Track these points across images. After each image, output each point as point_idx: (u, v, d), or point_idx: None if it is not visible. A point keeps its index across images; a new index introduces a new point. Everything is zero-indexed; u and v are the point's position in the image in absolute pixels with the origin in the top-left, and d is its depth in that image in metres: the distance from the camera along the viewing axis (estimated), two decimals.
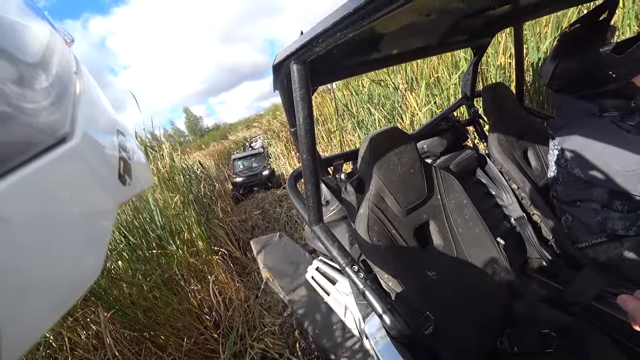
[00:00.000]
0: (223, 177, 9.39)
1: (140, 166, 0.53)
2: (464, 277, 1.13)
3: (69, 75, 0.41)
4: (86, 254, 0.33)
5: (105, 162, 0.41)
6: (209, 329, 2.34)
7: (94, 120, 0.42)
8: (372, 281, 0.86)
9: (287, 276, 1.83)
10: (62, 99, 0.35)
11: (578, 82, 1.31)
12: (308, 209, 0.93)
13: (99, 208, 0.37)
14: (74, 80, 0.42)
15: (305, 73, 0.77)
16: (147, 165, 0.58)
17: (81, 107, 0.39)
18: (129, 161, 0.47)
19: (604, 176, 1.23)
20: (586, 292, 1.24)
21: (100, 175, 0.38)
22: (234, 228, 4.37)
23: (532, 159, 1.69)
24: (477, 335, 1.06)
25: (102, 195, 0.37)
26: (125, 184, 0.44)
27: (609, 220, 1.27)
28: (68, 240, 0.30)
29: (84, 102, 0.41)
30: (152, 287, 2.33)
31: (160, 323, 2.18)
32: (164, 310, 2.20)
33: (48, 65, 0.36)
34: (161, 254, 2.55)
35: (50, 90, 0.34)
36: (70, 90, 0.39)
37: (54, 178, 0.30)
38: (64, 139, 0.32)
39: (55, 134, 0.31)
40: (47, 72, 0.35)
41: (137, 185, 0.48)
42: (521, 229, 1.59)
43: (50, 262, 0.27)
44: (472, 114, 1.89)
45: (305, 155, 0.83)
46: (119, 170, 0.43)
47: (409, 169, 1.11)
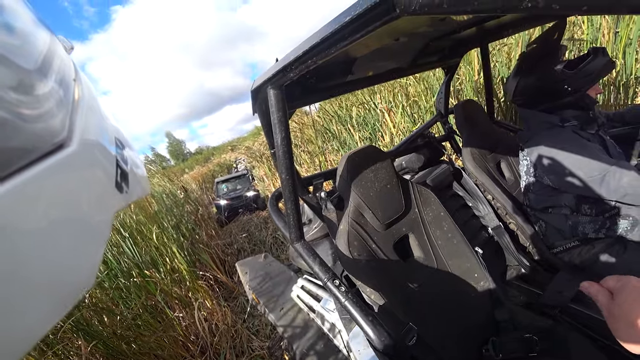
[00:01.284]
0: (207, 200, 9.28)
1: (138, 175, 0.53)
2: (445, 287, 1.16)
3: (68, 82, 0.41)
4: (82, 258, 0.33)
5: (102, 169, 0.41)
6: (195, 356, 2.28)
7: (92, 128, 0.42)
8: (354, 294, 0.88)
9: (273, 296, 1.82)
10: (60, 105, 0.36)
11: (538, 96, 1.40)
12: (289, 227, 0.96)
13: (96, 214, 0.36)
14: (73, 87, 0.42)
15: (282, 97, 0.81)
16: (145, 174, 0.58)
17: (79, 114, 0.39)
18: (127, 169, 0.48)
19: (569, 183, 1.30)
20: (563, 294, 1.28)
21: (97, 182, 0.38)
22: (220, 252, 4.30)
23: (505, 170, 1.76)
24: (461, 344, 1.08)
25: (99, 201, 0.37)
26: (122, 191, 0.44)
27: (579, 224, 1.34)
28: (65, 245, 0.30)
29: (83, 109, 0.41)
30: (135, 316, 2.27)
31: (144, 353, 2.11)
32: (148, 339, 2.14)
33: (47, 72, 0.36)
34: (143, 282, 2.49)
35: (49, 96, 0.34)
36: (69, 97, 0.39)
37: (52, 184, 0.30)
38: (62, 145, 0.33)
39: (53, 140, 0.32)
40: (46, 78, 0.35)
41: (134, 193, 0.49)
42: (499, 238, 1.64)
43: (47, 268, 0.27)
44: (446, 130, 1.97)
45: (284, 175, 0.87)
46: (117, 177, 0.43)
47: (385, 185, 1.15)
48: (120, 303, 2.36)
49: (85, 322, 1.98)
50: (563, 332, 1.10)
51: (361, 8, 0.48)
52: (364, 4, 0.47)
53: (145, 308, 2.38)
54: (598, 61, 1.26)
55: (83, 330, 1.91)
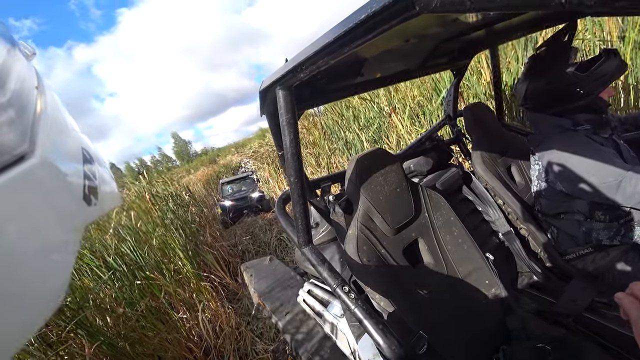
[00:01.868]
0: (212, 201, 9.29)
1: (107, 185, 0.50)
2: (455, 294, 1.13)
3: (28, 92, 0.39)
4: (51, 271, 0.32)
5: (67, 181, 0.39)
6: (199, 358, 2.27)
7: (56, 139, 0.40)
8: (364, 301, 0.86)
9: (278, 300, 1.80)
10: (20, 115, 0.34)
11: (549, 100, 1.37)
12: (297, 231, 0.94)
13: (63, 228, 0.35)
14: (35, 97, 0.40)
15: (291, 98, 0.79)
16: (114, 184, 0.55)
17: (42, 124, 0.37)
18: (95, 180, 0.45)
19: (582, 188, 1.26)
20: (577, 303, 1.25)
21: (62, 195, 0.36)
22: (224, 253, 4.29)
23: (515, 174, 1.73)
24: (471, 352, 1.06)
25: (66, 215, 0.36)
26: (91, 204, 0.42)
27: (593, 230, 1.31)
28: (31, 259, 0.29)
29: (45, 120, 0.39)
30: (139, 317, 2.27)
31: (147, 354, 2.10)
32: (152, 340, 2.13)
33: (5, 80, 0.34)
34: (147, 284, 2.49)
35: (8, 106, 0.32)
36: (29, 108, 0.37)
37: (12, 198, 0.28)
38: (23, 157, 0.31)
39: (13, 152, 0.30)
40: (3, 87, 0.33)
41: (104, 205, 0.47)
42: (509, 244, 1.61)
43: (11, 289, 0.26)
44: (455, 133, 1.94)
45: (293, 178, 0.85)
46: (84, 190, 0.41)
47: (395, 189, 1.12)
48: (124, 304, 2.35)
49: (88, 323, 1.97)
50: (577, 341, 1.07)
51: (378, 5, 0.46)
52: (381, 1, 0.45)
53: (149, 309, 2.37)
54: (610, 63, 1.23)
55: (86, 331, 1.90)
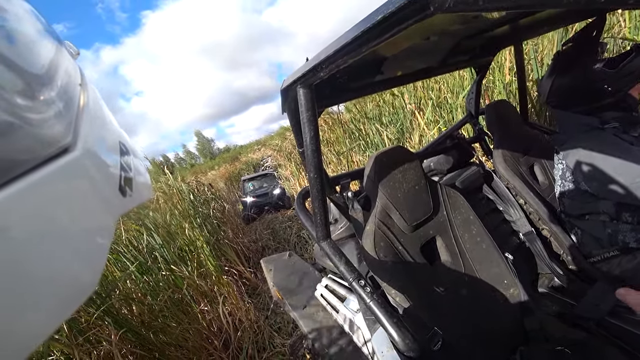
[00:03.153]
0: (234, 198, 9.45)
1: (142, 178, 0.53)
2: (472, 293, 1.13)
3: (73, 88, 0.41)
4: (86, 260, 0.33)
5: (106, 173, 0.41)
6: (219, 349, 2.33)
7: (96, 132, 0.42)
8: (379, 296, 0.88)
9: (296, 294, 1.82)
10: (65, 110, 0.36)
11: (575, 97, 1.34)
12: (316, 226, 0.96)
13: (99, 218, 0.37)
14: (78, 92, 0.43)
15: (311, 96, 0.81)
16: (148, 178, 0.59)
17: (84, 119, 0.40)
18: (130, 173, 0.48)
19: (609, 189, 1.23)
20: (600, 307, 1.21)
21: (101, 186, 0.38)
22: (245, 248, 4.38)
23: (538, 173, 1.69)
24: (488, 353, 1.05)
25: (102, 206, 0.38)
26: (126, 195, 0.44)
27: (619, 232, 1.26)
28: (67, 249, 0.30)
29: (87, 114, 0.42)
30: (162, 308, 2.35)
31: (169, 343, 2.18)
32: (174, 330, 2.21)
33: (53, 77, 0.37)
34: (170, 276, 2.58)
35: (55, 101, 0.34)
36: (74, 102, 0.40)
37: (55, 188, 0.30)
38: (66, 149, 0.33)
39: (58, 145, 0.32)
40: (52, 83, 0.36)
41: (138, 197, 0.49)
42: (530, 244, 1.58)
43: (50, 270, 0.28)
44: (477, 131, 1.91)
45: (313, 174, 0.87)
46: (120, 181, 0.43)
47: (414, 186, 1.13)
48: (149, 295, 2.44)
49: (115, 311, 2.06)
50: (598, 346, 1.04)
51: (394, 6, 0.47)
52: (396, 2, 0.46)
53: (172, 301, 2.45)
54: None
55: (113, 319, 2.00)
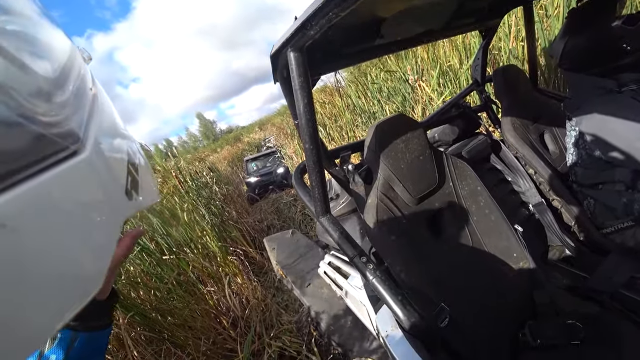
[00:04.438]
0: (238, 179, 9.44)
1: (147, 182, 0.54)
2: (480, 267, 1.08)
3: (84, 91, 0.42)
4: (91, 261, 0.34)
5: (113, 176, 0.42)
6: (227, 328, 2.35)
7: (105, 136, 0.44)
8: (383, 272, 0.83)
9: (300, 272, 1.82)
10: (76, 113, 0.37)
11: (591, 58, 1.25)
12: (314, 201, 0.91)
13: (105, 219, 0.37)
14: (89, 96, 0.44)
15: (303, 60, 0.75)
16: (154, 182, 0.60)
17: (94, 122, 0.41)
18: (137, 177, 0.49)
19: (626, 156, 1.16)
20: (614, 279, 1.17)
21: (108, 189, 0.39)
22: (250, 228, 4.38)
23: (549, 142, 1.61)
24: (497, 328, 1.01)
25: (109, 207, 0.39)
26: (132, 199, 0.45)
27: (635, 202, 1.20)
28: (73, 250, 0.31)
29: (97, 118, 0.43)
30: (169, 290, 2.37)
31: (178, 324, 2.20)
32: (182, 311, 2.22)
33: (66, 80, 0.38)
34: (175, 259, 2.58)
35: (66, 104, 0.35)
36: (85, 106, 0.41)
37: (64, 189, 0.31)
38: (75, 152, 0.34)
39: (67, 147, 0.33)
40: (64, 87, 0.36)
41: (143, 201, 0.50)
42: (540, 216, 1.53)
43: (53, 273, 0.28)
44: (483, 100, 1.83)
45: (308, 145, 0.81)
46: (127, 185, 0.44)
47: (418, 156, 1.07)
48: (155, 278, 2.46)
49: (122, 296, 2.07)
50: (612, 320, 1.00)
51: None
52: None
53: (179, 283, 2.46)
54: None
55: (120, 303, 1.99)
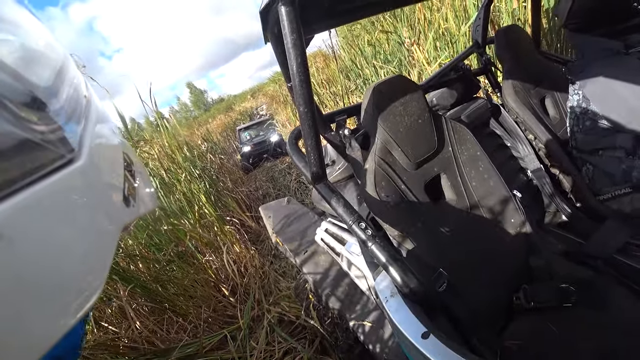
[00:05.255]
0: (232, 149, 9.35)
1: (145, 188, 0.54)
2: (478, 232, 1.08)
3: (79, 99, 0.42)
4: (90, 268, 0.34)
5: (110, 183, 0.42)
6: (227, 296, 2.39)
7: (100, 142, 0.43)
8: (381, 238, 0.82)
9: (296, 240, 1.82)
10: (71, 121, 0.37)
11: (598, 18, 1.21)
12: (310, 167, 0.88)
13: (103, 227, 0.37)
14: (84, 104, 0.43)
15: (295, 15, 0.69)
16: (152, 187, 0.59)
17: (89, 130, 0.40)
18: (134, 183, 0.49)
19: (629, 121, 1.14)
20: (608, 244, 1.18)
21: (105, 196, 0.40)
22: (245, 197, 4.39)
23: (550, 107, 1.58)
24: (493, 292, 1.03)
25: (106, 215, 0.38)
26: (130, 205, 0.45)
27: (634, 169, 1.19)
28: (71, 258, 0.31)
29: (92, 125, 0.42)
30: (168, 261, 2.39)
31: (178, 294, 2.24)
32: (182, 281, 2.26)
33: (59, 89, 0.37)
34: (173, 230, 2.58)
35: (60, 113, 0.35)
36: (80, 114, 0.40)
37: (60, 198, 0.31)
38: (71, 160, 0.33)
39: (63, 156, 0.32)
40: (58, 95, 0.36)
41: (142, 207, 0.50)
42: (538, 182, 1.52)
43: (54, 281, 0.28)
44: (483, 62, 1.76)
45: (303, 108, 0.77)
46: (124, 192, 0.44)
47: (417, 119, 1.03)
48: (153, 250, 2.48)
49: (121, 269, 2.08)
50: (604, 283, 1.02)
51: None
52: None
53: (177, 254, 2.48)
54: None
55: (120, 276, 2.02)
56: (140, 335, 1.93)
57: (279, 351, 1.78)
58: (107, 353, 1.78)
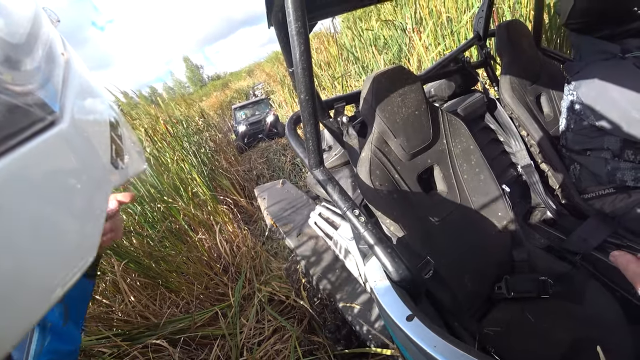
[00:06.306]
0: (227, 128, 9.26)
1: (133, 149, 0.52)
2: (466, 223, 1.12)
3: (56, 57, 0.39)
4: (81, 233, 0.33)
5: (96, 145, 0.40)
6: (219, 274, 2.43)
7: (83, 103, 0.41)
8: (373, 225, 0.85)
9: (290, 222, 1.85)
10: (49, 81, 0.34)
11: (599, 20, 1.22)
12: (308, 153, 0.90)
13: (92, 191, 0.36)
14: (61, 61, 0.40)
15: (301, 3, 0.69)
16: (140, 147, 0.57)
17: (70, 89, 0.38)
18: (121, 144, 0.47)
19: (618, 123, 1.17)
20: (588, 242, 1.24)
21: (92, 159, 0.37)
22: (239, 178, 4.39)
23: (544, 104, 1.60)
24: (476, 281, 1.08)
25: (94, 179, 0.37)
26: (118, 167, 0.43)
27: (618, 170, 1.24)
28: (62, 222, 0.30)
29: (73, 84, 0.39)
30: (162, 238, 2.41)
31: (171, 270, 2.27)
32: (175, 258, 2.28)
33: (33, 46, 0.34)
34: (166, 208, 2.60)
35: (37, 72, 0.32)
36: (57, 72, 0.37)
37: (43, 163, 0.29)
38: (54, 122, 0.31)
39: (44, 118, 0.30)
40: (32, 53, 0.33)
41: (131, 169, 0.48)
42: (527, 177, 1.56)
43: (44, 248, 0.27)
44: (483, 55, 1.77)
45: (304, 95, 0.78)
46: (111, 153, 0.42)
47: (414, 111, 1.05)
48: (147, 227, 2.49)
49: (115, 244, 2.10)
50: (580, 278, 1.08)
51: None
52: None
53: (171, 231, 2.49)
54: None
55: (114, 251, 2.04)
56: (133, 309, 1.97)
57: (268, 329, 1.83)
58: (101, 325, 1.82)
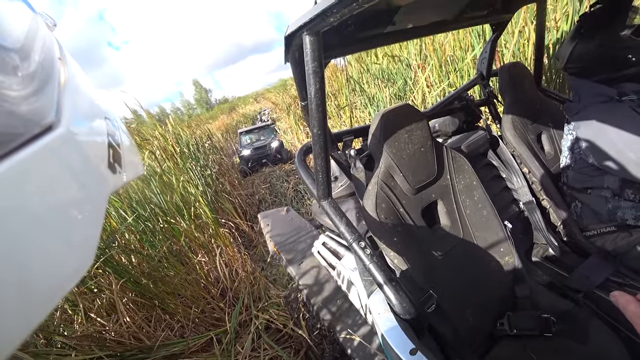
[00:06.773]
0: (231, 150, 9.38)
1: (130, 154, 0.52)
2: (468, 258, 1.13)
3: (52, 61, 0.39)
4: (78, 240, 0.32)
5: (94, 150, 0.40)
6: (216, 298, 2.40)
7: (80, 108, 0.41)
8: (378, 258, 0.87)
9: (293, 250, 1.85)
10: (46, 86, 0.34)
11: (596, 65, 1.26)
12: (317, 184, 0.93)
13: (89, 196, 0.35)
14: (58, 66, 0.40)
15: (319, 45, 0.74)
16: (137, 153, 0.57)
17: (66, 94, 0.38)
18: (119, 149, 0.46)
19: (617, 164, 1.20)
20: (590, 279, 1.24)
21: (89, 164, 0.37)
22: (241, 201, 4.40)
23: (545, 143, 1.65)
24: (478, 316, 1.08)
25: (91, 183, 0.36)
26: (115, 172, 0.43)
27: (619, 209, 1.25)
28: (59, 228, 0.29)
29: (70, 89, 0.40)
30: (161, 258, 2.39)
31: (168, 292, 2.24)
32: (173, 279, 2.26)
33: (30, 51, 0.35)
34: (168, 228, 2.60)
35: (34, 77, 0.32)
36: (54, 77, 0.38)
37: (41, 168, 0.29)
38: (50, 127, 0.31)
39: (41, 123, 0.30)
40: (29, 58, 0.33)
41: (128, 174, 0.48)
42: (529, 214, 1.57)
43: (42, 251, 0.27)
44: (486, 94, 1.84)
45: (316, 130, 0.82)
46: (109, 158, 0.42)
47: (419, 148, 1.09)
48: (147, 246, 2.48)
49: (115, 262, 2.10)
50: (583, 316, 1.07)
51: None
52: None
53: (170, 251, 2.48)
54: None
55: (113, 268, 2.04)
56: (127, 330, 1.94)
57: (264, 357, 1.80)
58: (93, 345, 1.79)
